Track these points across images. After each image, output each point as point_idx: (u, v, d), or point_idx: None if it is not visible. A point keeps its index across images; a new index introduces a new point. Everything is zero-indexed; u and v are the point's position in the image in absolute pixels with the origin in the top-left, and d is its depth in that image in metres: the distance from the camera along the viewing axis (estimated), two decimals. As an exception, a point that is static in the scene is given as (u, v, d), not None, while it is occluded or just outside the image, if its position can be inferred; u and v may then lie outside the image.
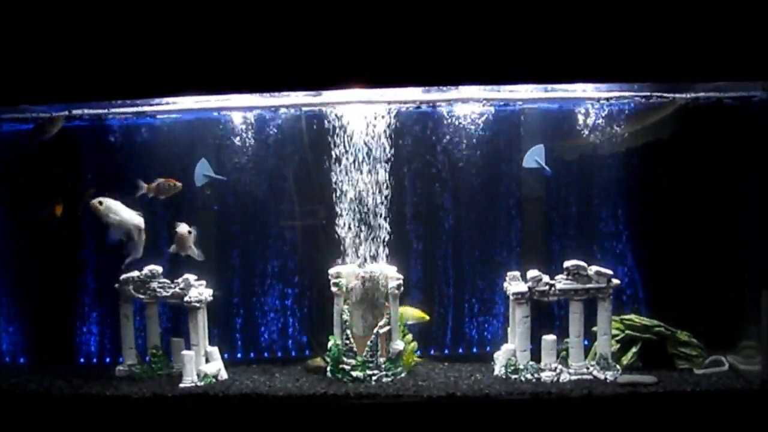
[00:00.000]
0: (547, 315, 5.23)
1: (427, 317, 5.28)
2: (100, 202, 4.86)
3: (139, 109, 5.13)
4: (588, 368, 4.87)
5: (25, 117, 5.12)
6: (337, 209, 5.08)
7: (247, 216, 5.50)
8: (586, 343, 4.96)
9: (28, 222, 5.41)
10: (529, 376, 4.84)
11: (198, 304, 4.99)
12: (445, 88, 4.83)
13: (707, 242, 5.19)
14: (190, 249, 5.02)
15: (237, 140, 5.36)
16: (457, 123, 5.31)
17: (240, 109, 5.22)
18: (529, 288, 4.93)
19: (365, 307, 4.96)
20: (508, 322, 5.10)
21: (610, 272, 4.86)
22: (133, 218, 4.94)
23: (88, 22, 4.34)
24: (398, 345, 4.93)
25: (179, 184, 5.09)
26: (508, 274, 5.04)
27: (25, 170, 5.38)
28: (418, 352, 5.23)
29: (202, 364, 4.99)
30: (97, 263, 5.53)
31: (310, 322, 5.56)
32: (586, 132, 5.28)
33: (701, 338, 5.01)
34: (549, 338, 4.91)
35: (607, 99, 5.06)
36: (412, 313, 5.22)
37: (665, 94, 4.96)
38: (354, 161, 5.04)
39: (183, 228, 4.99)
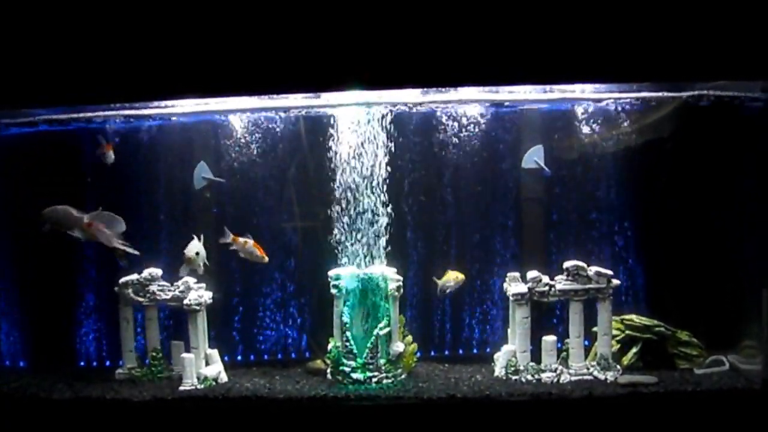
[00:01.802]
0: (547, 316, 5.23)
1: (463, 276, 5.20)
2: (41, 216, 4.71)
3: (138, 111, 5.12)
4: (588, 369, 4.86)
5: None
6: (337, 211, 5.08)
7: (246, 218, 5.49)
8: (586, 343, 4.96)
9: (28, 225, 5.39)
10: (529, 377, 4.84)
11: (198, 307, 4.99)
12: (444, 90, 4.84)
13: (707, 241, 5.18)
14: (199, 267, 5.01)
15: (234, 142, 5.36)
16: (456, 124, 5.30)
17: (239, 111, 5.21)
18: (528, 289, 4.93)
19: (365, 309, 4.96)
20: (509, 323, 5.10)
21: (610, 272, 4.86)
22: (69, 218, 4.71)
23: (87, 25, 4.34)
24: (398, 347, 4.92)
25: (266, 258, 5.05)
26: (508, 274, 5.04)
27: (26, 173, 5.36)
28: (418, 353, 5.23)
29: (202, 366, 4.99)
30: (97, 267, 5.52)
31: (310, 325, 5.56)
32: (586, 132, 5.28)
33: (702, 338, 5.01)
34: (549, 339, 4.90)
35: (607, 99, 5.07)
36: (454, 276, 5.15)
37: (665, 94, 4.96)
38: (352, 162, 5.03)
39: (191, 251, 4.97)
